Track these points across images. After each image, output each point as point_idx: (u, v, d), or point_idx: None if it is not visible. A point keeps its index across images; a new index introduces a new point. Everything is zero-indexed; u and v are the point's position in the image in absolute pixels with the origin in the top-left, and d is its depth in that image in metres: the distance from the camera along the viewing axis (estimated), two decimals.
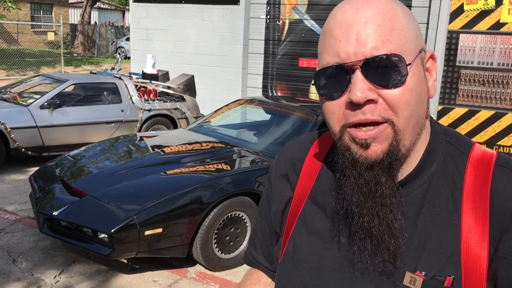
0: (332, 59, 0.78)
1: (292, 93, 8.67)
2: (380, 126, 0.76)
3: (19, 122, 6.05)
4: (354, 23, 0.76)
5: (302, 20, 8.47)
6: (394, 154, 0.76)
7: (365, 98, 0.74)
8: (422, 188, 0.82)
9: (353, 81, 0.76)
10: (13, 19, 22.96)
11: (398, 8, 0.79)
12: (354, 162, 0.78)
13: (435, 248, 0.78)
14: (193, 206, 3.66)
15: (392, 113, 0.76)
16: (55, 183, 4.07)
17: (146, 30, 9.72)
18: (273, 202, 1.02)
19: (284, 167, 1.01)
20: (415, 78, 0.77)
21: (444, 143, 0.86)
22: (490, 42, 6.92)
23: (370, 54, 0.75)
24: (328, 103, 0.80)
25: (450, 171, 0.82)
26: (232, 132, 5.37)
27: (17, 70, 16.72)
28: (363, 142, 0.76)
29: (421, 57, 0.80)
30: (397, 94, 0.75)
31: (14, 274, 3.67)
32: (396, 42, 0.76)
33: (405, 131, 0.77)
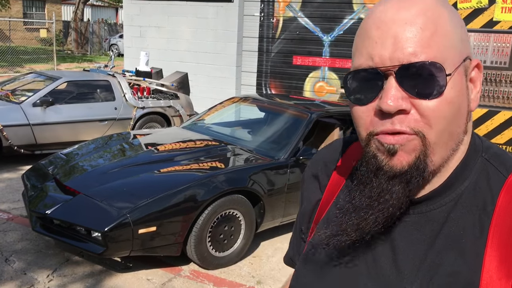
0: (365, 62, 0.72)
1: (286, 91, 8.67)
2: (409, 135, 0.71)
3: (12, 120, 6.01)
4: (393, 24, 0.70)
5: (296, 18, 8.47)
6: (420, 169, 0.71)
7: (396, 107, 0.69)
8: (448, 206, 0.75)
9: (386, 87, 0.70)
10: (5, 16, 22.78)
11: (445, 10, 0.72)
12: (378, 169, 0.74)
13: (450, 273, 0.71)
14: (187, 204, 3.65)
15: (424, 125, 0.70)
16: (48, 181, 4.05)
17: (139, 28, 9.68)
18: (303, 202, 1.00)
19: (316, 168, 0.98)
20: (455, 89, 0.71)
21: (482, 161, 0.78)
22: (483, 41, 6.95)
23: (407, 60, 0.69)
24: (357, 108, 0.75)
25: (482, 192, 0.74)
26: (226, 130, 5.37)
27: (9, 67, 16.59)
28: (391, 148, 0.71)
29: (465, 65, 0.73)
30: (432, 106, 0.69)
31: (6, 273, 3.65)
32: (438, 48, 0.69)
33: (435, 146, 0.71)
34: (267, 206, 4.14)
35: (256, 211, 4.13)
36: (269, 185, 4.15)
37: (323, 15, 8.24)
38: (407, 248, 0.76)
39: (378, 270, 0.77)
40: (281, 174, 4.28)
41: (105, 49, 26.15)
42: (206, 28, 8.97)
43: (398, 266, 0.76)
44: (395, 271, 0.76)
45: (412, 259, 0.75)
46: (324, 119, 5.02)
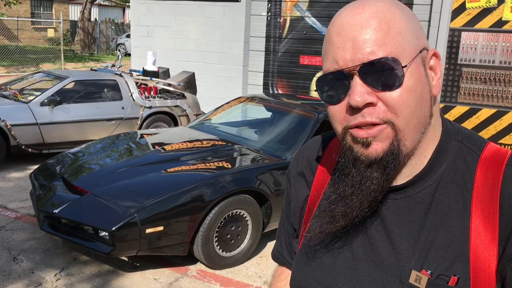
0: (331, 66, 0.81)
1: (293, 91, 8.65)
2: (379, 125, 0.78)
3: (20, 119, 6.04)
4: (351, 29, 0.78)
5: (303, 18, 8.45)
6: (394, 153, 0.78)
7: (363, 102, 0.77)
8: (431, 188, 0.83)
9: (352, 86, 0.78)
10: (13, 15, 22.92)
11: (396, 10, 0.79)
12: (355, 160, 0.81)
13: (442, 248, 0.78)
14: (194, 204, 3.65)
15: (392, 114, 0.77)
16: (55, 180, 4.06)
17: (146, 27, 9.70)
18: (292, 200, 1.06)
19: (301, 166, 1.05)
20: (413, 78, 0.78)
21: (456, 143, 0.86)
22: (492, 40, 6.90)
23: (366, 59, 0.76)
24: (331, 107, 0.83)
25: (461, 171, 0.82)
26: (233, 130, 5.36)
27: (17, 67, 16.69)
28: (364, 141, 0.79)
29: (422, 56, 0.81)
30: (395, 96, 0.77)
31: (14, 272, 3.66)
32: (392, 45, 0.77)
33: (406, 131, 0.78)
34: (274, 206, 4.13)
35: (263, 211, 4.13)
36: (276, 185, 4.14)
37: (331, 14, 8.21)
38: (400, 230, 0.83)
39: (376, 254, 0.84)
40: None
41: (112, 49, 26.23)
42: (213, 27, 8.97)
43: (395, 248, 0.82)
44: (393, 252, 0.82)
45: (406, 240, 0.82)
46: None
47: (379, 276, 0.83)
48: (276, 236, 1.16)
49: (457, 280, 0.76)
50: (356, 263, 0.86)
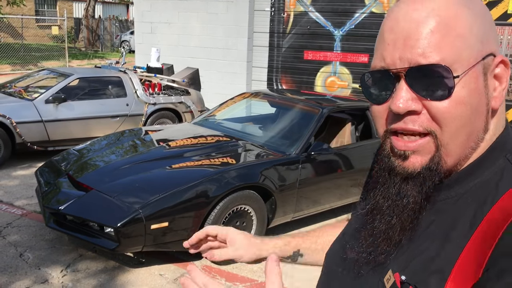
0: (379, 63, 0.75)
1: (297, 86, 8.64)
2: (422, 139, 0.72)
3: (25, 116, 6.06)
4: (406, 26, 0.71)
5: (307, 12, 8.42)
6: (433, 170, 0.72)
7: (406, 109, 0.71)
8: (452, 200, 0.75)
9: (397, 89, 0.72)
10: (17, 13, 22.97)
11: (462, 8, 0.71)
12: (391, 170, 0.76)
13: (428, 259, 0.72)
14: (199, 200, 3.66)
15: (436, 126, 0.71)
16: (61, 177, 4.08)
17: (150, 24, 9.70)
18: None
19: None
20: (467, 89, 0.70)
21: (503, 161, 0.74)
22: (497, 33, 6.85)
23: (415, 62, 0.70)
24: (374, 107, 0.78)
25: (488, 190, 0.72)
26: (237, 125, 5.36)
27: (22, 64, 16.74)
28: (402, 153, 0.74)
29: (484, 64, 0.72)
30: (442, 107, 0.70)
31: (21, 268, 3.68)
32: (449, 49, 0.69)
33: (449, 147, 0.71)
34: (279, 201, 4.13)
35: (267, 206, 4.13)
36: (281, 181, 4.14)
37: (334, 9, 8.19)
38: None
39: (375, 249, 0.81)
40: (293, 170, 4.26)
41: (116, 46, 26.26)
42: (216, 23, 8.96)
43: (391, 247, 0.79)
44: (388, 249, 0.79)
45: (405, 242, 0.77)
46: (335, 114, 5.00)
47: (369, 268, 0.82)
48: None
49: None
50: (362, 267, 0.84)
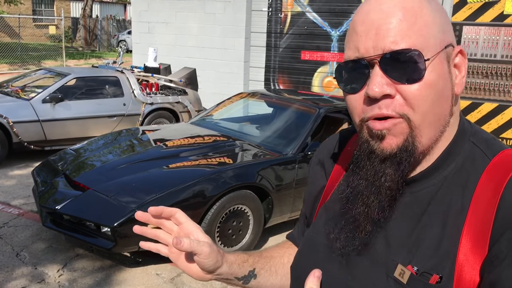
0: (352, 54, 0.79)
1: (294, 86, 8.65)
2: (395, 119, 0.76)
3: (21, 116, 6.06)
4: (376, 17, 0.77)
5: (304, 13, 8.43)
6: (408, 150, 0.77)
7: (381, 93, 0.75)
8: (435, 187, 0.81)
9: (372, 75, 0.76)
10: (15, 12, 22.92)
11: (424, 3, 0.78)
12: (370, 153, 0.80)
13: (433, 246, 0.77)
14: (195, 199, 3.66)
15: (409, 108, 0.75)
16: (57, 177, 4.08)
17: (147, 24, 9.70)
18: (309, 186, 1.07)
19: (322, 155, 1.05)
20: (435, 73, 0.76)
21: (469, 145, 0.83)
22: (493, 34, 6.88)
23: (388, 49, 0.75)
24: (349, 97, 0.81)
25: (467, 173, 0.80)
26: (234, 125, 5.37)
27: (19, 64, 16.71)
28: (379, 133, 0.77)
29: (446, 52, 0.79)
30: (414, 89, 0.75)
31: (17, 268, 3.68)
32: (417, 37, 0.75)
33: (421, 128, 0.77)
34: (276, 201, 4.14)
35: (264, 206, 4.14)
36: (278, 181, 4.15)
37: (332, 9, 8.20)
38: (396, 226, 0.82)
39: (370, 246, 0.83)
40: (290, 170, 4.27)
41: (113, 46, 26.22)
42: (214, 23, 8.96)
43: (388, 242, 0.82)
44: (385, 246, 0.82)
45: (400, 235, 0.81)
46: (332, 114, 5.01)
47: (369, 268, 0.83)
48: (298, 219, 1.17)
49: (438, 279, 0.75)
50: (352, 254, 0.86)
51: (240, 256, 0.99)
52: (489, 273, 0.72)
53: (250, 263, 1.00)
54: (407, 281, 0.77)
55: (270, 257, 1.06)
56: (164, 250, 0.97)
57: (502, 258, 0.71)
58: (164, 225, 0.98)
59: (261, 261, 1.03)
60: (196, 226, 0.96)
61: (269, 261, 1.05)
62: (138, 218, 0.97)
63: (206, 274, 0.94)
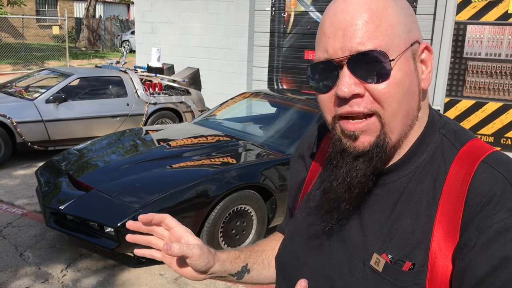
0: (322, 55, 0.82)
1: (298, 86, 8.63)
2: (369, 119, 0.79)
3: (25, 116, 6.07)
4: (343, 19, 0.79)
5: (308, 12, 8.42)
6: (380, 146, 0.80)
7: (350, 93, 0.78)
8: (407, 178, 0.84)
9: (340, 76, 0.79)
10: (18, 13, 22.98)
11: (389, 2, 0.80)
12: (343, 151, 0.82)
13: (406, 235, 0.80)
14: (199, 199, 3.66)
15: (378, 105, 0.78)
16: (61, 177, 4.08)
17: (151, 24, 9.70)
18: (291, 179, 1.12)
19: (302, 149, 1.09)
20: (402, 71, 0.79)
21: (439, 136, 0.86)
22: (498, 33, 6.84)
23: (355, 50, 0.77)
24: (321, 96, 0.84)
25: (437, 163, 0.83)
26: (238, 125, 5.36)
27: (23, 64, 16.75)
28: (352, 134, 0.80)
29: (412, 49, 0.81)
30: (381, 88, 0.78)
31: (21, 268, 3.69)
32: (382, 38, 0.77)
33: (392, 124, 0.79)
34: (279, 201, 4.13)
35: (267, 206, 4.13)
36: (281, 180, 4.14)
37: None
38: (371, 216, 0.85)
39: (348, 236, 0.87)
40: None
41: (117, 46, 26.26)
42: (217, 23, 8.96)
43: (364, 232, 0.85)
44: (362, 236, 0.85)
45: (375, 225, 0.84)
46: None
47: (347, 257, 0.86)
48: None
49: (411, 266, 0.78)
50: (330, 243, 0.89)
51: (232, 253, 1.03)
52: (459, 260, 0.75)
53: (242, 259, 1.04)
54: (382, 269, 0.81)
55: (262, 251, 1.10)
56: (158, 255, 0.99)
57: (471, 245, 0.74)
58: (156, 231, 1.00)
59: (253, 255, 1.07)
60: (186, 230, 0.98)
61: (261, 255, 1.09)
62: (129, 227, 0.99)
63: (200, 274, 0.97)
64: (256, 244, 1.14)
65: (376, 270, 0.81)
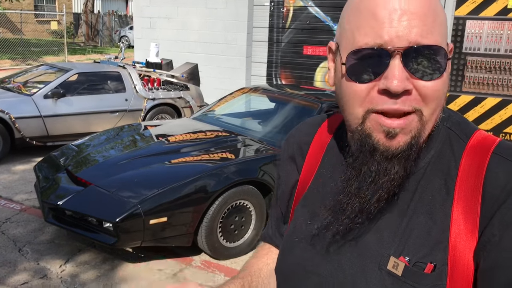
0: (372, 40, 0.73)
1: (297, 81, 8.62)
2: (408, 116, 0.74)
3: (23, 111, 6.05)
4: (399, 5, 0.72)
5: (307, 7, 8.39)
6: (415, 146, 0.75)
7: (403, 88, 0.72)
8: (418, 174, 0.80)
9: (391, 67, 0.72)
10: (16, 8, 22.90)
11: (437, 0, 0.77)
12: (374, 150, 0.76)
13: (422, 235, 0.76)
14: (197, 195, 3.66)
15: (423, 103, 0.74)
16: (59, 172, 4.07)
17: (149, 19, 9.67)
18: (281, 184, 1.05)
19: (291, 150, 1.02)
20: (447, 71, 0.76)
21: (445, 130, 0.83)
22: (497, 28, 6.83)
23: (414, 42, 0.71)
24: (354, 85, 0.76)
25: (447, 158, 0.80)
26: (237, 121, 5.35)
27: (21, 59, 16.70)
28: (391, 131, 0.74)
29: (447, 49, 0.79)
30: (431, 86, 0.73)
31: (20, 263, 3.69)
32: (438, 33, 0.73)
33: (429, 123, 0.76)
34: None
35: (266, 201, 4.13)
36: None
37: (334, 4, 8.15)
38: (383, 217, 0.80)
39: (358, 240, 0.82)
40: None
41: (115, 41, 26.19)
42: (216, 18, 8.93)
43: (377, 235, 0.80)
44: (374, 239, 0.80)
45: (388, 227, 0.79)
46: (335, 109, 4.98)
47: (360, 262, 0.81)
48: (268, 217, 1.14)
49: (433, 268, 0.74)
50: (338, 249, 0.84)
51: (235, 285, 0.95)
52: (484, 258, 0.72)
53: (247, 286, 0.97)
54: (402, 273, 0.76)
55: (259, 271, 1.04)
56: None
57: (496, 241, 0.71)
58: None
59: (254, 279, 1.00)
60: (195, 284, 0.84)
61: (260, 275, 1.03)
62: None
63: None
64: (249, 264, 1.06)
65: (395, 275, 0.77)
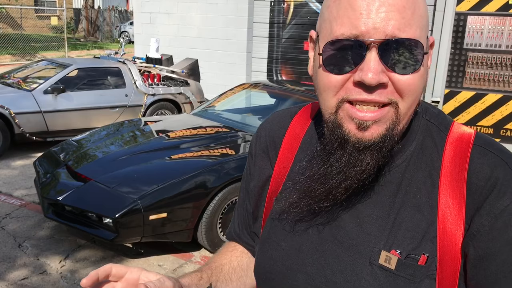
0: (348, 31, 0.71)
1: (297, 77, 8.60)
2: (383, 108, 0.73)
3: (23, 107, 6.05)
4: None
5: (307, 3, 8.36)
6: (389, 138, 0.74)
7: (378, 81, 0.70)
8: (401, 167, 0.80)
9: (367, 60, 0.71)
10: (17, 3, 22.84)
11: None
12: (344, 141, 0.75)
13: (411, 228, 0.77)
14: (197, 190, 3.65)
15: (398, 96, 0.73)
16: (59, 168, 4.07)
17: (149, 14, 9.64)
18: (253, 179, 1.00)
19: (264, 143, 0.98)
20: (424, 65, 0.75)
21: (424, 122, 0.83)
22: (498, 24, 6.81)
23: (391, 34, 0.70)
24: (331, 76, 0.74)
25: (429, 150, 0.81)
26: (237, 116, 5.34)
27: (21, 55, 16.68)
28: (362, 123, 0.73)
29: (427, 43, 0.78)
30: (407, 80, 0.72)
31: (19, 258, 3.68)
32: (417, 26, 0.72)
33: (404, 116, 0.75)
34: None
35: None
36: None
37: None
38: (370, 211, 0.79)
39: (344, 235, 0.80)
40: None
41: (115, 37, 26.15)
42: (216, 14, 8.90)
43: (364, 229, 0.79)
44: (362, 233, 0.79)
45: (376, 220, 0.79)
46: None
47: (348, 258, 0.79)
48: (233, 215, 1.10)
49: (427, 259, 0.75)
50: (323, 245, 0.82)
51: (194, 276, 0.93)
52: (474, 247, 0.74)
53: (205, 279, 0.95)
54: (395, 267, 0.76)
55: (220, 266, 1.02)
56: None
57: (485, 231, 0.73)
58: None
59: (214, 273, 0.98)
60: (138, 269, 0.84)
61: (221, 271, 1.01)
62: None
63: None
64: (212, 260, 1.04)
65: (388, 269, 0.76)
